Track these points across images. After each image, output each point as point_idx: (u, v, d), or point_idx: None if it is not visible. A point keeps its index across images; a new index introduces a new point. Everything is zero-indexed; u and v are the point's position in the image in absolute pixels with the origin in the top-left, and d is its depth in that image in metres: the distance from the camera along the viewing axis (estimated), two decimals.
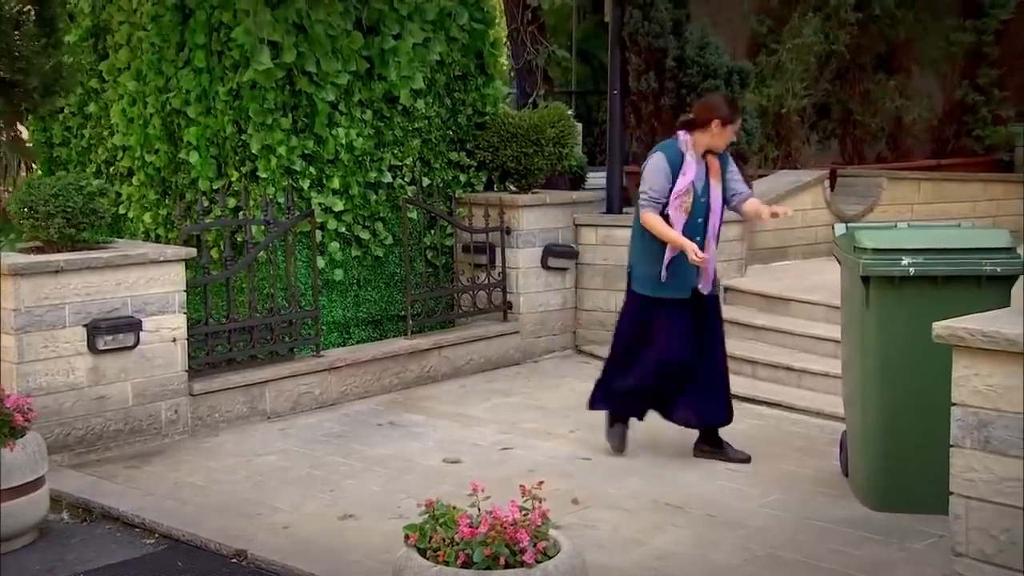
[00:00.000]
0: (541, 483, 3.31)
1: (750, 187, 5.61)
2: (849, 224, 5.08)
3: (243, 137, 6.86)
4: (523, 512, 3.20)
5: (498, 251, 7.73)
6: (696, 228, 5.26)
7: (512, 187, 8.12)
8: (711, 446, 5.43)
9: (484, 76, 8.18)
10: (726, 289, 8.10)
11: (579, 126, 12.26)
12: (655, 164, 5.30)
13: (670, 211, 5.25)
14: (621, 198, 8.33)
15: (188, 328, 5.95)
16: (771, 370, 6.94)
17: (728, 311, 7.84)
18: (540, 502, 3.25)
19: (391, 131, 7.53)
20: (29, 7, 6.41)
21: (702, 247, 5.24)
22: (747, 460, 5.33)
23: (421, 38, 7.60)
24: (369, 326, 7.46)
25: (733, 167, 5.44)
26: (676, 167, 5.28)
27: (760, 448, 5.59)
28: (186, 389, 5.92)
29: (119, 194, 7.66)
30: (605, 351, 7.91)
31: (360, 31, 7.28)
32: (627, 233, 7.80)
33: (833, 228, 5.13)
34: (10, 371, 5.28)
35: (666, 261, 5.28)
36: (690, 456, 5.45)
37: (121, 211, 7.70)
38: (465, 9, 7.96)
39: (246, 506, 4.80)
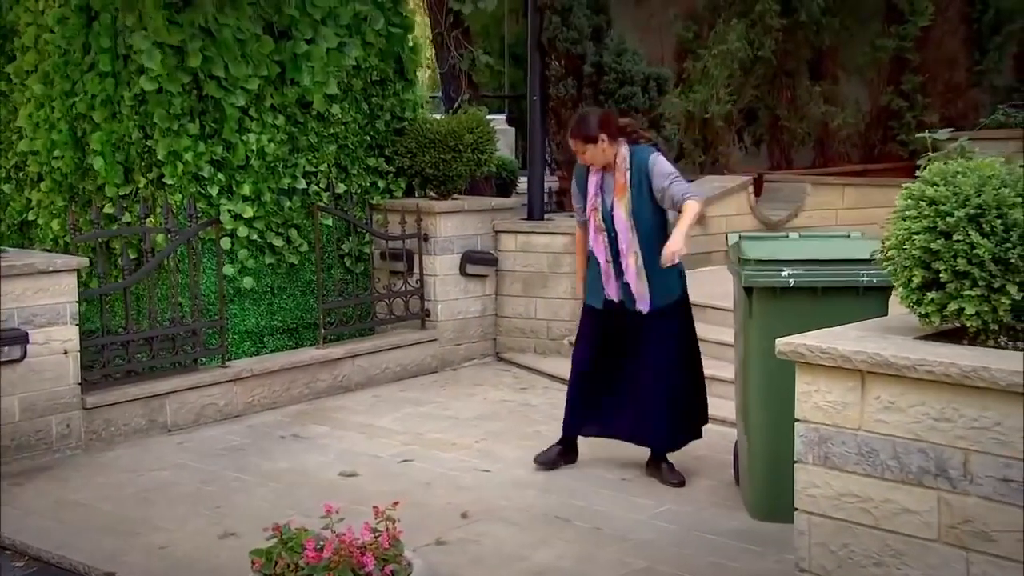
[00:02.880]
0: (396, 504, 3.25)
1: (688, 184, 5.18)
2: (742, 233, 5.06)
3: (149, 143, 6.74)
4: (375, 534, 3.14)
5: (416, 258, 7.66)
6: (612, 244, 5.14)
7: (432, 193, 8.06)
8: (649, 466, 5.31)
9: (403, 81, 8.11)
10: None
11: (512, 130, 12.25)
12: (572, 182, 5.30)
13: (590, 228, 5.21)
14: (542, 204, 8.29)
15: (83, 339, 5.82)
16: None
17: None
18: (394, 523, 3.19)
19: (305, 136, 7.43)
20: None
21: (618, 264, 5.13)
22: (680, 484, 5.10)
23: (335, 42, 7.52)
24: (284, 335, 7.36)
25: (660, 171, 5.06)
26: (583, 182, 5.24)
27: None
28: (79, 403, 5.79)
29: (29, 200, 7.50)
30: (526, 358, 7.94)
31: (271, 35, 7.18)
32: (547, 240, 7.88)
33: (726, 237, 5.11)
34: None
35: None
36: (590, 467, 5.41)
37: (30, 217, 7.54)
38: (381, 14, 7.88)
39: (126, 525, 4.69)
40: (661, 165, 5.08)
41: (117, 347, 6.10)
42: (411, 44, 8.17)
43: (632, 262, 5.10)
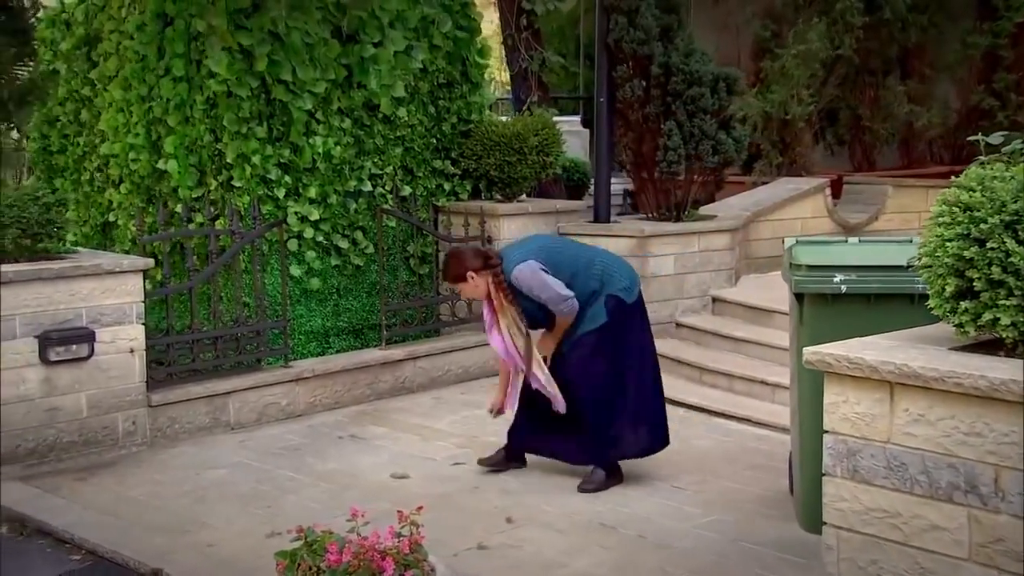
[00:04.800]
0: (420, 508, 3.24)
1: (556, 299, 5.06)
2: (798, 238, 4.94)
3: (219, 146, 6.88)
4: (398, 539, 3.14)
5: None
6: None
7: (498, 196, 8.06)
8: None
9: (469, 84, 8.13)
10: (714, 299, 7.98)
11: (586, 132, 12.19)
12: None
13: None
14: (608, 206, 8.22)
15: (149, 338, 5.97)
16: (747, 384, 6.79)
17: (713, 322, 7.77)
18: (417, 528, 3.18)
19: (371, 139, 7.50)
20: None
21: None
22: (594, 490, 5.09)
23: (403, 45, 7.57)
24: (350, 335, 7.44)
25: (527, 286, 5.01)
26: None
27: (715, 466, 5.47)
28: (144, 400, 5.93)
29: (110, 202, 7.73)
30: None
31: (339, 39, 7.26)
32: (612, 243, 7.80)
33: (783, 241, 4.99)
34: None
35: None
36: (641, 474, 5.33)
37: (111, 219, 7.77)
38: (449, 16, 7.91)
39: (178, 522, 4.79)
40: (524, 281, 5.01)
41: (182, 346, 6.24)
42: (478, 47, 8.18)
43: (539, 373, 5.09)
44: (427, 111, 7.83)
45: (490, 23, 10.69)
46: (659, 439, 5.25)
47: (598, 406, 5.12)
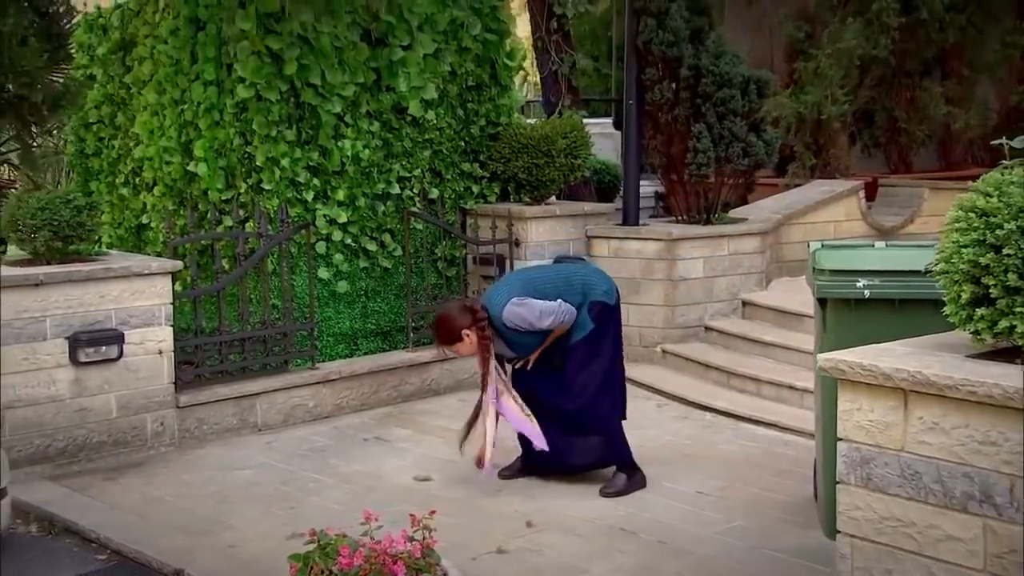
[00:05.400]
0: (433, 512, 3.24)
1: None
2: (824, 242, 4.89)
3: (248, 149, 6.94)
4: (411, 543, 3.14)
5: (507, 263, 7.66)
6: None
7: (526, 199, 8.06)
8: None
9: (498, 86, 8.13)
10: (744, 303, 7.91)
11: (618, 134, 12.13)
12: None
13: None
14: (637, 209, 8.18)
15: (177, 340, 6.03)
16: (775, 388, 6.73)
17: (742, 326, 7.70)
18: (430, 532, 3.19)
19: (400, 142, 7.53)
20: (35, 22, 6.60)
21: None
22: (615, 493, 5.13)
23: (432, 48, 7.59)
24: (378, 337, 7.46)
25: (524, 318, 5.06)
26: None
27: (739, 471, 5.43)
28: (173, 401, 5.99)
29: (144, 204, 7.82)
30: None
31: (368, 42, 7.30)
32: (640, 246, 7.77)
33: (808, 245, 4.94)
34: None
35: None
36: (665, 479, 5.30)
37: (144, 221, 7.86)
38: (479, 19, 7.92)
39: (202, 523, 4.83)
40: (517, 317, 5.03)
41: (210, 348, 6.30)
42: (507, 49, 8.18)
43: (511, 414, 5.15)
44: (456, 114, 7.85)
45: (525, 27, 10.68)
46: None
47: (600, 408, 5.21)
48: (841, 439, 2.86)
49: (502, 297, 5.09)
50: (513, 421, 5.18)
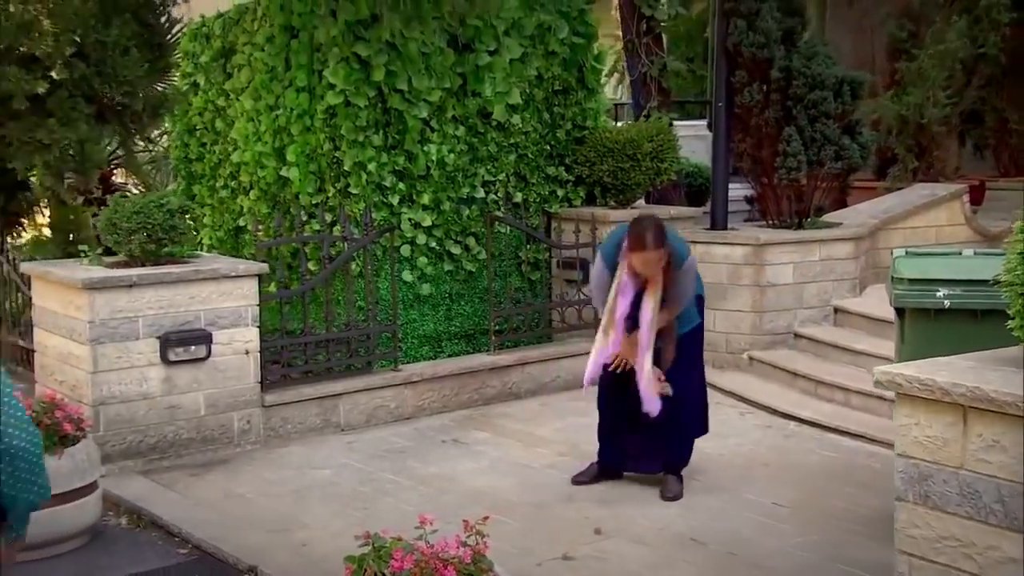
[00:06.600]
0: (486, 518, 3.25)
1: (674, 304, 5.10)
2: (908, 249, 4.74)
3: (337, 154, 7.07)
4: (463, 547, 3.16)
5: (590, 267, 7.62)
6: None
7: (612, 202, 8.02)
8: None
9: (585, 90, 8.11)
10: (836, 310, 7.72)
11: (709, 136, 11.98)
12: (594, 271, 5.32)
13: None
14: (725, 213, 8.05)
15: (263, 341, 6.18)
16: (863, 398, 6.54)
17: (833, 333, 7.52)
18: (483, 537, 3.20)
19: (485, 147, 7.57)
20: (139, 33, 6.86)
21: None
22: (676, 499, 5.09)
23: (519, 53, 7.62)
24: (462, 340, 7.53)
25: (687, 280, 5.10)
26: (612, 274, 5.13)
27: (819, 483, 5.30)
28: (259, 400, 6.15)
29: (241, 207, 8.04)
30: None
31: (454, 48, 7.36)
32: (727, 250, 7.65)
33: (891, 252, 4.79)
34: (85, 380, 5.63)
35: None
36: (740, 489, 5.21)
37: (241, 224, 8.08)
38: (566, 23, 7.91)
39: (278, 521, 4.94)
40: (690, 271, 5.09)
41: (296, 348, 6.44)
42: (595, 53, 8.15)
43: (647, 366, 4.99)
44: (541, 118, 7.86)
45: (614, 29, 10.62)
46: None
47: (694, 403, 5.29)
48: (899, 455, 2.77)
49: (685, 247, 5.14)
50: (642, 374, 5.01)
